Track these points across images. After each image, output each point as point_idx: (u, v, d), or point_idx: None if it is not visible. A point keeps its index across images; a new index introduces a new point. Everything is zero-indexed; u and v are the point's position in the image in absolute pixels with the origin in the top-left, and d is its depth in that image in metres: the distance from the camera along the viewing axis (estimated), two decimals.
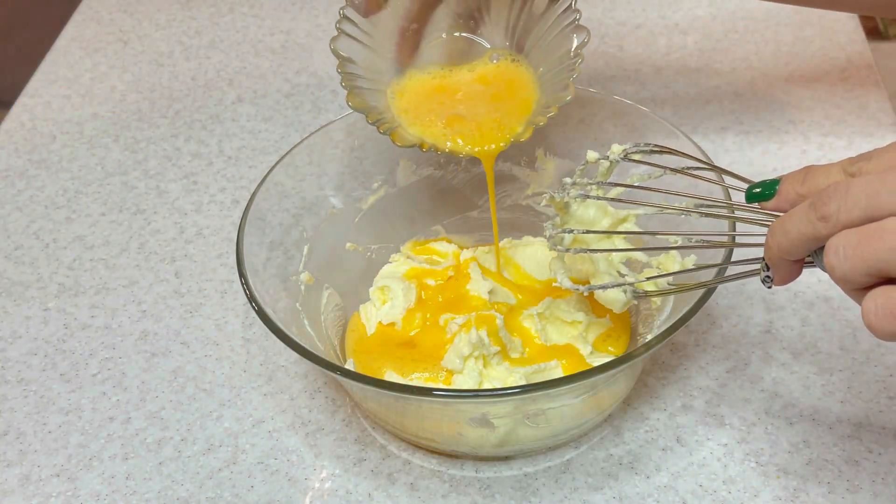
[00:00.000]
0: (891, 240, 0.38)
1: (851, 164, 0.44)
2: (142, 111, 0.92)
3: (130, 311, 0.71)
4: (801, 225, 0.42)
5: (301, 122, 0.89)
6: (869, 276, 0.40)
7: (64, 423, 0.63)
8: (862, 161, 0.43)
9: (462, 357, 0.59)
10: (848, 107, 0.83)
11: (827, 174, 0.44)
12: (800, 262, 0.45)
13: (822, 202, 0.41)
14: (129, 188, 0.83)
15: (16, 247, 0.78)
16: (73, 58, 1.01)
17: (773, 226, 0.45)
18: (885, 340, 0.40)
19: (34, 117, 0.93)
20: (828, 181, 0.44)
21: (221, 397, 0.64)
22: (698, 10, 0.99)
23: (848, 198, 0.40)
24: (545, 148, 0.71)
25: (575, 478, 0.57)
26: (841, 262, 0.40)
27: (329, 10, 1.05)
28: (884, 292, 0.39)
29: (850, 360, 0.62)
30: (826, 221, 0.41)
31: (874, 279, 0.40)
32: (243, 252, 0.59)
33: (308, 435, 0.61)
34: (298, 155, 0.67)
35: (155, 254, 0.76)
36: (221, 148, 0.87)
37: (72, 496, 0.59)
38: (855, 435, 0.58)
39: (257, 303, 0.56)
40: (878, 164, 0.42)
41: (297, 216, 0.66)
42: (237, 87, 0.94)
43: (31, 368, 0.67)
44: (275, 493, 0.58)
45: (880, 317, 0.39)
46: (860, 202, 0.40)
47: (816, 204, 0.42)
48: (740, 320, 0.66)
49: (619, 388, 0.59)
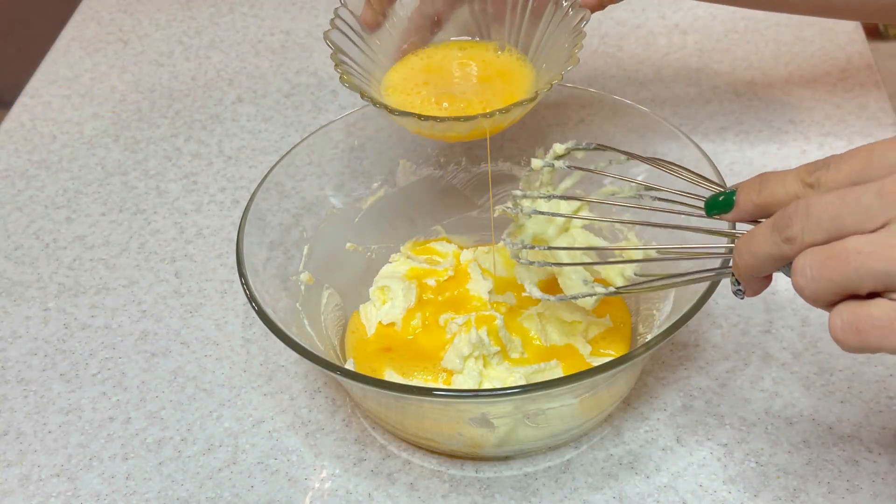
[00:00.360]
0: (855, 260, 0.39)
1: (809, 173, 0.44)
2: (142, 111, 0.92)
3: (130, 311, 0.71)
4: (767, 247, 0.43)
5: (301, 122, 0.89)
6: (836, 295, 0.41)
7: (64, 423, 0.63)
8: (820, 170, 0.43)
9: (462, 357, 0.59)
10: (848, 107, 0.83)
11: (783, 183, 0.45)
12: (769, 276, 0.46)
13: (786, 224, 0.42)
14: (129, 188, 0.83)
15: (16, 247, 0.78)
16: (73, 58, 1.01)
17: (738, 245, 0.46)
18: (852, 353, 0.41)
19: (34, 117, 0.93)
20: (784, 191, 0.44)
21: (221, 397, 0.64)
22: (698, 10, 0.99)
23: (810, 220, 0.41)
24: (545, 148, 0.70)
25: (575, 478, 0.57)
26: (808, 283, 0.41)
27: (329, 11, 1.05)
28: (848, 308, 0.41)
29: (850, 360, 0.62)
30: (791, 243, 0.42)
31: (841, 297, 0.41)
32: (243, 252, 0.59)
33: (308, 435, 0.61)
34: (298, 155, 0.67)
35: (155, 254, 0.76)
36: (221, 148, 0.87)
37: (72, 496, 0.59)
38: (855, 435, 0.58)
39: (257, 303, 0.56)
40: (837, 174, 0.42)
41: (297, 216, 0.66)
42: (237, 87, 0.95)
43: (31, 368, 0.67)
44: (275, 493, 0.58)
45: (846, 332, 0.40)
46: (823, 223, 0.41)
47: (780, 226, 0.43)
48: (740, 320, 0.66)
49: (619, 388, 0.59)
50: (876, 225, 0.40)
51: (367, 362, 0.62)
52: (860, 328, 0.40)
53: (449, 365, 0.59)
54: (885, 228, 0.39)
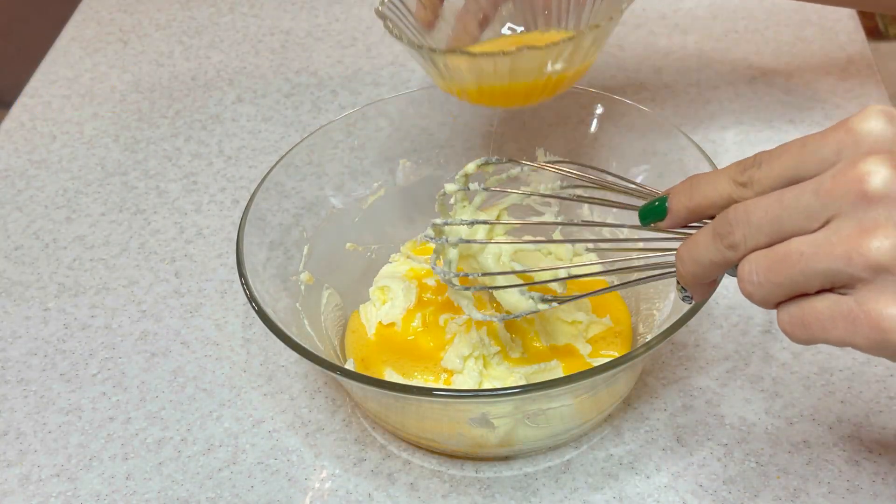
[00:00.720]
0: (798, 262, 0.40)
1: (740, 172, 0.43)
2: (142, 111, 0.92)
3: (130, 311, 0.71)
4: (710, 254, 0.43)
5: (301, 122, 0.89)
6: (784, 296, 0.41)
7: (64, 423, 0.63)
8: (751, 169, 0.43)
9: (462, 357, 0.59)
10: (848, 107, 0.83)
11: (714, 185, 0.44)
12: (714, 280, 0.46)
13: (727, 231, 0.42)
14: (129, 188, 0.83)
15: (16, 247, 0.78)
16: (73, 58, 1.01)
17: (680, 253, 0.45)
18: (800, 345, 0.42)
19: (34, 117, 0.93)
20: (717, 193, 0.44)
21: (221, 397, 0.64)
22: (698, 11, 0.99)
23: (751, 225, 0.41)
24: (545, 148, 0.71)
25: (575, 478, 0.57)
26: (756, 288, 0.41)
27: (329, 11, 1.06)
28: (796, 303, 0.41)
29: (850, 360, 0.62)
30: (735, 249, 0.42)
31: (789, 297, 0.41)
32: (243, 252, 0.59)
33: (308, 435, 0.61)
34: (298, 155, 0.67)
35: (155, 254, 0.76)
36: (221, 148, 0.87)
37: (72, 496, 0.59)
38: (855, 435, 0.58)
39: (257, 303, 0.56)
40: (770, 172, 0.42)
41: (296, 216, 0.66)
42: (237, 87, 0.95)
43: (31, 368, 0.67)
44: (275, 493, 0.58)
45: (793, 326, 0.41)
46: (764, 228, 0.41)
47: (721, 233, 0.42)
48: (740, 320, 0.66)
49: (619, 388, 0.59)
50: (817, 224, 0.40)
51: (367, 362, 0.62)
52: (806, 322, 0.40)
53: (449, 365, 0.59)
54: (826, 227, 0.40)
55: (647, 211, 0.47)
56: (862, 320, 0.39)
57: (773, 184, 0.42)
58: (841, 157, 0.40)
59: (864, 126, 0.40)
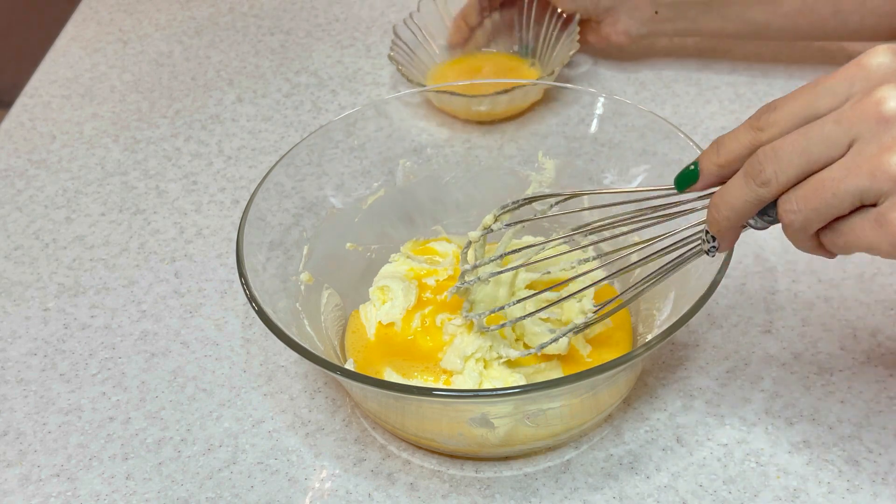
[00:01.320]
0: (831, 186, 0.43)
1: (757, 118, 0.46)
2: (142, 111, 0.92)
3: (130, 311, 0.71)
4: (744, 194, 0.46)
5: (301, 121, 0.89)
6: (822, 221, 0.45)
7: (64, 423, 0.63)
8: (767, 113, 0.46)
9: (462, 358, 0.59)
10: None
11: (737, 138, 0.47)
12: (741, 226, 0.49)
13: (758, 170, 0.45)
14: (129, 188, 0.83)
15: (16, 247, 0.78)
16: (73, 58, 1.01)
17: (714, 201, 0.48)
18: (842, 254, 0.46)
19: (34, 117, 0.93)
20: (739, 144, 0.47)
21: (221, 397, 0.64)
22: None
23: (781, 161, 0.44)
24: (545, 148, 0.71)
25: (575, 478, 0.57)
26: (796, 216, 0.45)
27: (329, 11, 1.06)
28: (832, 227, 0.45)
29: (850, 360, 0.62)
30: (767, 186, 0.45)
31: (826, 223, 0.45)
32: (243, 252, 0.59)
33: (308, 435, 0.61)
34: (298, 155, 0.67)
35: (155, 254, 0.76)
36: (221, 148, 0.87)
37: (72, 496, 0.59)
38: (855, 435, 0.58)
39: (257, 303, 0.56)
40: (787, 113, 0.45)
41: (297, 216, 0.66)
42: (237, 87, 0.95)
43: (31, 368, 0.67)
44: (275, 493, 0.58)
45: (833, 242, 0.45)
46: (794, 160, 0.44)
47: (753, 172, 0.46)
48: (740, 320, 0.66)
49: (619, 388, 0.59)
50: (841, 150, 0.43)
51: (367, 362, 0.62)
52: (841, 231, 0.44)
53: (448, 366, 0.59)
54: (850, 152, 0.43)
55: (682, 177, 0.50)
56: (886, 225, 0.42)
57: (791, 123, 0.45)
58: (854, 91, 0.44)
59: (873, 61, 0.44)
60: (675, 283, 0.58)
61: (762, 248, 0.71)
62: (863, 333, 0.64)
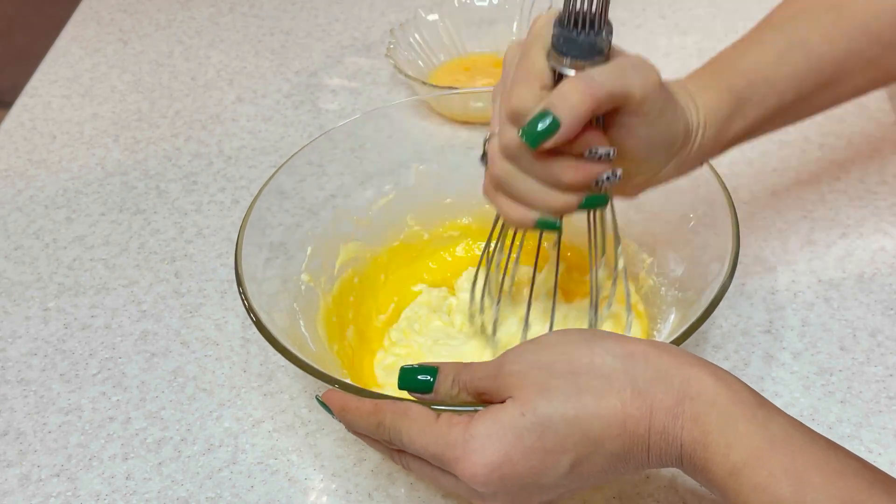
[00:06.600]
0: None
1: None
2: (142, 111, 0.92)
3: (130, 311, 0.71)
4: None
5: (301, 121, 0.89)
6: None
7: (64, 423, 0.63)
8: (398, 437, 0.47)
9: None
10: (848, 107, 0.83)
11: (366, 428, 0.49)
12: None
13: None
14: (129, 188, 0.83)
15: (16, 247, 0.78)
16: (73, 58, 1.01)
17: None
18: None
19: (34, 117, 0.93)
20: (365, 427, 0.48)
21: (221, 397, 0.64)
22: (698, 10, 0.99)
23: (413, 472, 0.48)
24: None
25: None
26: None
27: (329, 11, 1.06)
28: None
29: (850, 360, 0.62)
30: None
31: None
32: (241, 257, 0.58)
33: (308, 435, 0.61)
34: (300, 157, 0.66)
35: (155, 254, 0.76)
36: (221, 148, 0.87)
37: (72, 496, 0.59)
38: (855, 435, 0.58)
39: (255, 313, 0.55)
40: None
41: (298, 218, 0.66)
42: (237, 87, 0.95)
43: (31, 368, 0.67)
44: (275, 493, 0.58)
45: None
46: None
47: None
48: (740, 320, 0.66)
49: None
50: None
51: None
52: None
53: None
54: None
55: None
56: None
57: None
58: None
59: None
60: (675, 303, 0.58)
61: (762, 248, 0.71)
62: (863, 333, 0.64)
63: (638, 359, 0.42)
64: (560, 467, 0.42)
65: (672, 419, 0.41)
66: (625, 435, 0.41)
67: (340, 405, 0.48)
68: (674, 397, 0.41)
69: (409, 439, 0.45)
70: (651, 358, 0.42)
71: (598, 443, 0.41)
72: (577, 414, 0.41)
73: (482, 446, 0.42)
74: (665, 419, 0.41)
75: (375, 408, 0.46)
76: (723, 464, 0.40)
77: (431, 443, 0.43)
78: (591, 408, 0.41)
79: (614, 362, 0.42)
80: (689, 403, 0.40)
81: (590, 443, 0.41)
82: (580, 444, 0.41)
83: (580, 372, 0.42)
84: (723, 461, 0.40)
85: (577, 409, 0.41)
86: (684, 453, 0.41)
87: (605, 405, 0.41)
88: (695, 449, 0.40)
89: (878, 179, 0.76)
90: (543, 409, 0.41)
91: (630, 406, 0.41)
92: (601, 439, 0.41)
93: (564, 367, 0.42)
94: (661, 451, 0.41)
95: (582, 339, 0.44)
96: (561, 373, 0.42)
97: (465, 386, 0.46)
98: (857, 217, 0.73)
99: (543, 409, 0.41)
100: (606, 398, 0.41)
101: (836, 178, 0.77)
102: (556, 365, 0.43)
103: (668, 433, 0.41)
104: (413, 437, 0.44)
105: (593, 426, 0.41)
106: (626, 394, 0.41)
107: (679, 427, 0.40)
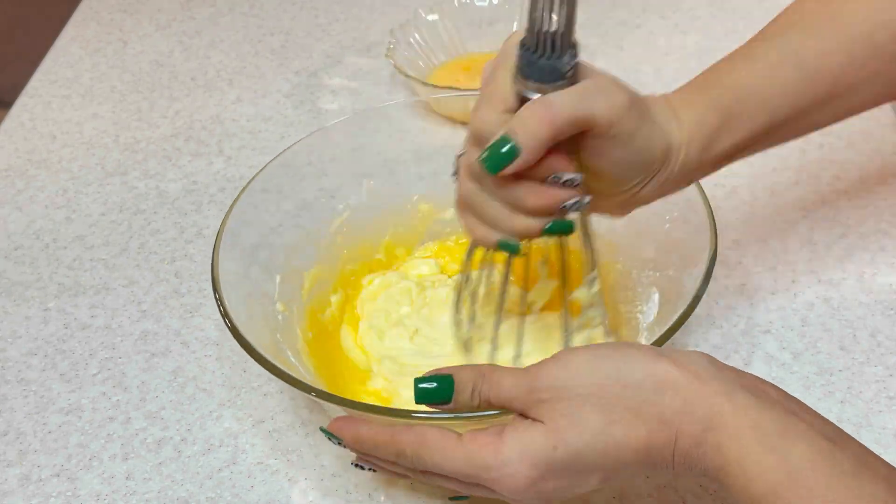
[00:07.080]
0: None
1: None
2: (142, 111, 0.92)
3: (130, 311, 0.71)
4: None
5: (301, 122, 0.89)
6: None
7: (64, 423, 0.63)
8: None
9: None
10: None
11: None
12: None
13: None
14: (129, 188, 0.83)
15: (16, 247, 0.78)
16: (73, 58, 1.01)
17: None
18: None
19: (34, 117, 0.93)
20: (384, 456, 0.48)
21: (221, 397, 0.64)
22: (698, 10, 0.99)
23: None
24: None
25: None
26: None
27: (329, 11, 1.06)
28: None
29: (850, 360, 0.62)
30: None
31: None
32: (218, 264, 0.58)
33: (308, 435, 0.61)
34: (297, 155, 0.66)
35: (155, 254, 0.76)
36: (221, 148, 0.87)
37: (72, 496, 0.59)
38: (855, 435, 0.57)
39: (230, 319, 0.54)
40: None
41: (289, 214, 0.66)
42: (237, 87, 0.95)
43: (31, 368, 0.67)
44: (275, 493, 0.58)
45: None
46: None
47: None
48: (740, 320, 0.66)
49: None
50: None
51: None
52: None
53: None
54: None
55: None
56: None
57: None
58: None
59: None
60: (657, 283, 0.58)
61: (762, 248, 0.71)
62: (863, 333, 0.64)
63: (667, 388, 0.43)
64: (589, 485, 0.44)
65: (696, 447, 0.42)
66: (650, 460, 0.43)
67: (353, 436, 0.48)
68: (699, 427, 0.42)
69: (434, 465, 0.45)
70: (681, 388, 0.43)
71: (626, 465, 0.43)
72: (605, 447, 0.43)
73: (517, 471, 0.43)
74: (689, 446, 0.42)
75: (392, 438, 0.46)
76: (743, 493, 0.41)
77: (462, 466, 0.44)
78: (619, 438, 0.43)
79: (645, 395, 0.43)
80: (713, 434, 0.42)
81: (618, 465, 0.43)
82: (608, 467, 0.43)
83: (611, 404, 0.43)
84: (743, 491, 0.41)
85: (607, 442, 0.43)
86: (708, 475, 0.43)
87: (632, 436, 0.43)
88: (717, 475, 0.42)
89: (878, 179, 0.76)
90: (575, 444, 0.43)
91: (655, 435, 0.43)
92: (628, 463, 0.43)
93: (595, 395, 0.43)
94: (686, 470, 0.43)
95: (613, 365, 0.44)
96: (592, 402, 0.43)
97: (488, 398, 0.46)
98: (857, 217, 0.73)
99: (575, 443, 0.43)
100: (634, 430, 0.43)
101: (836, 178, 0.77)
102: (589, 395, 0.43)
103: (692, 458, 0.42)
104: (439, 463, 0.45)
105: (620, 454, 0.43)
106: (653, 424, 0.42)
107: (702, 454, 0.42)
